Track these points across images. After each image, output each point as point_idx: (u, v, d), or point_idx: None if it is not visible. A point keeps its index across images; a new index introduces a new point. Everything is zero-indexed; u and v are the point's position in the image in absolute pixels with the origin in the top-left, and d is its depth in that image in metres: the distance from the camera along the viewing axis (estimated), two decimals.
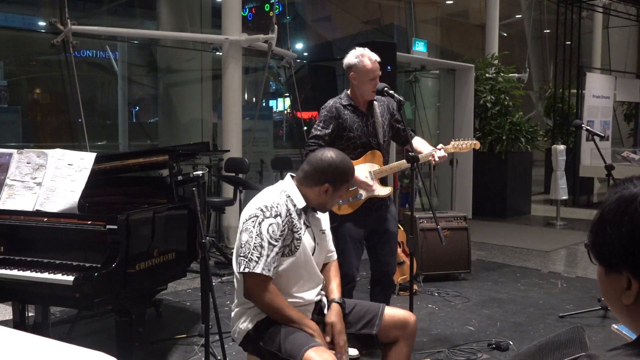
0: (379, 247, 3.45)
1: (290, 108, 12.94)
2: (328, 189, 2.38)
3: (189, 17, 9.11)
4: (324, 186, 2.37)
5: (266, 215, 2.26)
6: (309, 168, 2.40)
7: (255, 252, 2.23)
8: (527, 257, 6.56)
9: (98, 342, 3.66)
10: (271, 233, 2.25)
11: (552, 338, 1.56)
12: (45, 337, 1.56)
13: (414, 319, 2.50)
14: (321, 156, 2.40)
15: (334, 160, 2.38)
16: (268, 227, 2.25)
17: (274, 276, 2.27)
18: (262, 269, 2.22)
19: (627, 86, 11.85)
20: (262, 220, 2.26)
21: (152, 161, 3.48)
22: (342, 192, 2.46)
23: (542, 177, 12.55)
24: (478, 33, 13.33)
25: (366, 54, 3.33)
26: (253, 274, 2.23)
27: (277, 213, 2.28)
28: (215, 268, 5.70)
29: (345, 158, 2.45)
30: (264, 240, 2.24)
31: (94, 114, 9.69)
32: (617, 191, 1.01)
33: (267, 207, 2.28)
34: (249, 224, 2.27)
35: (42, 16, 8.59)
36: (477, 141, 3.51)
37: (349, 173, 2.43)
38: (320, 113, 3.39)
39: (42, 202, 2.79)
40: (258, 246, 2.23)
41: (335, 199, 2.47)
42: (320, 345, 2.16)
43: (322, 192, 2.38)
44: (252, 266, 2.22)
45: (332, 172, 2.37)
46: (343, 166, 2.40)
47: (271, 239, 2.25)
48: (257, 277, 2.23)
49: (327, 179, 2.37)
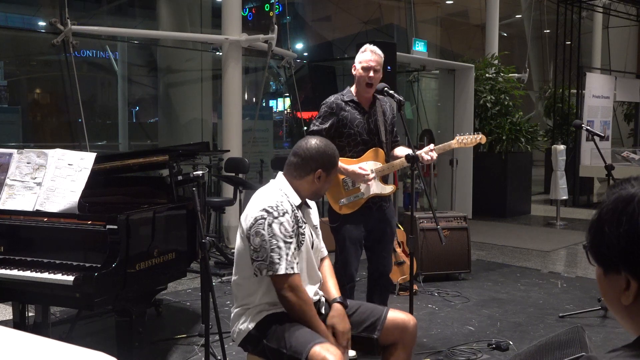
0: (378, 247, 3.45)
1: (290, 108, 12.95)
2: (321, 175, 2.40)
3: (189, 17, 9.11)
4: (317, 172, 2.39)
5: (274, 216, 2.26)
6: (297, 159, 2.42)
7: (275, 255, 2.23)
8: (527, 257, 6.56)
9: (98, 342, 3.66)
10: (284, 232, 2.26)
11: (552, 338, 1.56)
12: (45, 337, 1.56)
13: (414, 322, 2.48)
14: (306, 145, 2.42)
15: (319, 146, 2.42)
16: (279, 227, 2.25)
17: (299, 271, 2.30)
18: (285, 268, 2.23)
19: (627, 86, 11.85)
20: (271, 222, 2.25)
21: (152, 161, 3.48)
22: (333, 178, 2.49)
23: (542, 177, 12.56)
24: (478, 33, 13.34)
25: (369, 48, 3.35)
26: (278, 277, 2.24)
27: (284, 211, 2.29)
28: (215, 268, 5.70)
29: (329, 142, 2.48)
30: (279, 241, 2.24)
31: (94, 114, 9.70)
32: (615, 192, 1.01)
33: (273, 207, 2.28)
34: (258, 227, 2.25)
35: (42, 16, 8.60)
36: (482, 135, 3.40)
37: (336, 156, 2.47)
38: (320, 108, 3.39)
39: (42, 202, 2.79)
40: (275, 248, 2.23)
41: (327, 186, 2.48)
42: (325, 341, 2.16)
43: (316, 179, 2.40)
44: (275, 269, 2.23)
45: (321, 157, 2.40)
46: (330, 150, 2.44)
47: (285, 237, 2.25)
48: (283, 278, 2.24)
49: (318, 165, 2.39)
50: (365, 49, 3.36)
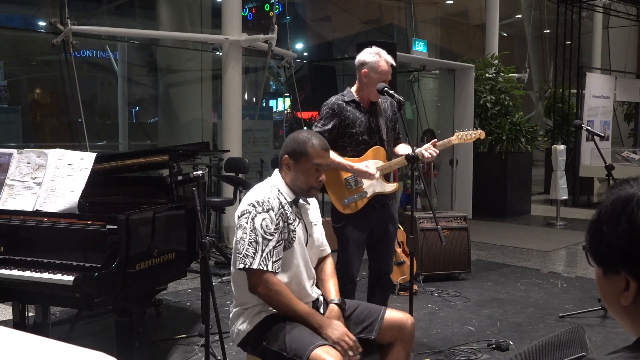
0: (379, 247, 3.45)
1: (290, 108, 12.95)
2: (288, 162, 2.40)
3: (189, 17, 9.12)
4: (284, 158, 2.41)
5: (258, 211, 2.28)
6: (280, 152, 2.47)
7: (251, 248, 2.24)
8: (527, 257, 6.56)
9: (98, 342, 3.66)
10: (265, 228, 2.26)
11: (552, 338, 1.56)
12: (45, 337, 1.56)
13: (412, 321, 2.48)
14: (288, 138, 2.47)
15: (293, 135, 2.45)
16: (261, 222, 2.27)
17: (276, 270, 2.28)
18: (259, 264, 2.23)
19: (627, 86, 11.85)
20: (254, 216, 2.28)
21: (152, 161, 3.48)
22: (307, 168, 2.38)
23: (542, 177, 12.55)
24: (478, 33, 13.33)
25: (383, 56, 3.29)
26: (251, 270, 2.25)
27: (270, 207, 2.30)
28: (215, 268, 5.70)
29: (308, 132, 2.48)
30: (258, 235, 2.25)
31: (94, 114, 9.71)
32: (614, 192, 1.01)
33: (259, 202, 2.30)
34: (242, 220, 2.29)
35: (42, 16, 8.60)
36: (482, 131, 3.38)
37: (307, 144, 2.38)
38: (322, 110, 3.38)
39: (42, 202, 2.79)
40: (253, 242, 2.25)
41: (301, 176, 2.39)
42: (326, 344, 2.15)
43: (286, 168, 2.41)
44: (248, 262, 2.24)
45: (289, 143, 2.42)
46: (300, 138, 2.42)
47: (265, 234, 2.26)
48: (255, 272, 2.24)
49: (285, 151, 2.42)
50: (380, 56, 3.28)
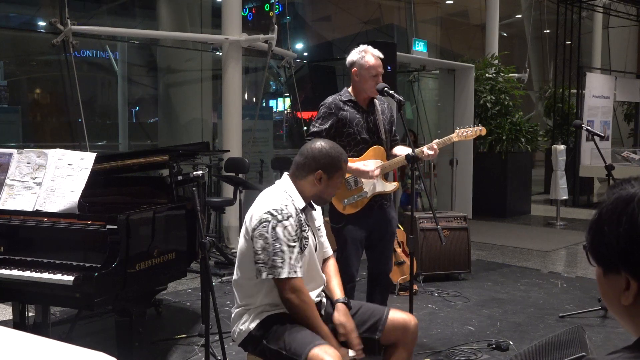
0: (379, 246, 3.45)
1: (290, 108, 12.95)
2: (322, 177, 2.38)
3: (189, 17, 9.11)
4: (317, 173, 2.37)
5: (278, 219, 2.26)
6: (301, 159, 2.42)
7: (278, 259, 2.23)
8: (527, 257, 6.56)
9: (98, 342, 3.66)
10: (287, 236, 2.25)
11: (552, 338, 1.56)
12: (45, 337, 1.56)
13: (415, 322, 2.49)
14: (312, 145, 2.42)
15: (324, 147, 2.41)
16: (283, 231, 2.25)
17: (302, 275, 2.29)
18: (288, 272, 2.23)
19: (627, 86, 11.85)
20: (275, 225, 2.25)
21: (152, 161, 3.48)
22: (338, 182, 2.45)
23: (542, 177, 12.56)
24: (478, 33, 13.33)
25: (369, 51, 3.33)
26: (280, 280, 2.24)
27: (289, 214, 2.28)
28: (215, 268, 5.70)
29: (335, 145, 2.46)
30: (282, 244, 2.24)
31: (94, 114, 9.70)
32: (615, 192, 1.01)
33: (277, 210, 2.27)
34: (261, 229, 2.25)
35: (42, 16, 8.59)
36: (482, 127, 3.38)
37: (341, 159, 2.43)
38: (319, 110, 3.38)
39: (42, 202, 2.79)
40: (279, 252, 2.23)
41: (331, 189, 2.45)
42: (325, 344, 2.16)
43: (317, 181, 2.39)
44: (277, 273, 2.23)
45: (324, 158, 2.38)
46: (334, 152, 2.41)
47: (289, 241, 2.25)
48: (285, 282, 2.24)
49: (318, 165, 2.38)
50: (366, 52, 3.31)
